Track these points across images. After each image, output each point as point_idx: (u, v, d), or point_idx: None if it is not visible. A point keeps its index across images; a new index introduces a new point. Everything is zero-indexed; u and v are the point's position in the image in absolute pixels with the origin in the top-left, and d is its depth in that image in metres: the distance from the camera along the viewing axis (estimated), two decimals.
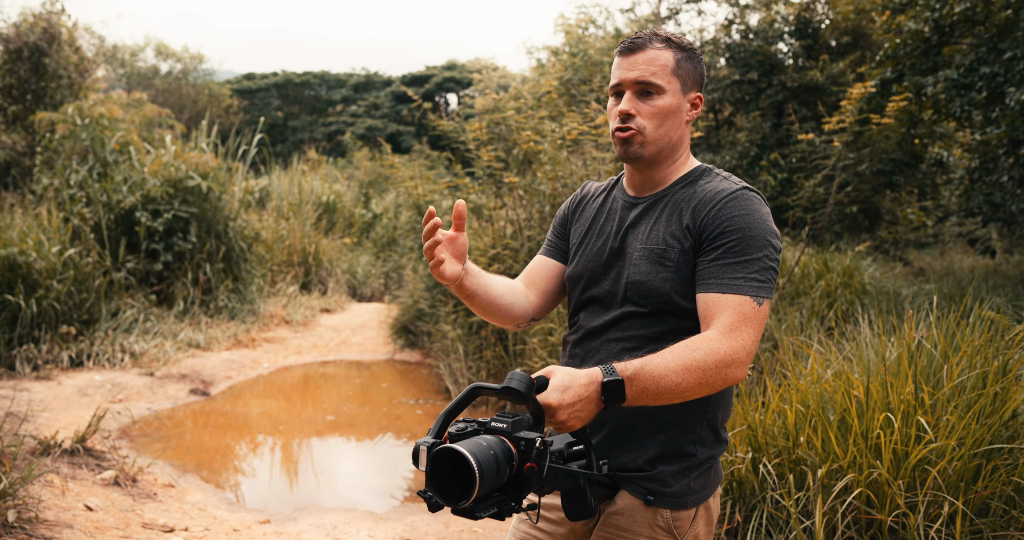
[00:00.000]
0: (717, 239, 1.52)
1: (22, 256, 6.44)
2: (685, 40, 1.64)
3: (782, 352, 4.24)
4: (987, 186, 8.06)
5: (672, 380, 1.40)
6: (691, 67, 1.63)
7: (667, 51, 1.60)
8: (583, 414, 1.38)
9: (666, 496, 1.56)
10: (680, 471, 1.57)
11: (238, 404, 6.28)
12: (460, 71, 31.21)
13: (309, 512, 4.21)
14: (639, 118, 1.60)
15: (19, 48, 10.23)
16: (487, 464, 1.23)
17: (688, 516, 1.58)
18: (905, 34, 7.93)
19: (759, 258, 1.50)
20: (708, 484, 1.61)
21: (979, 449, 2.79)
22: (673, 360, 1.41)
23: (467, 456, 1.21)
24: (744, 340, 1.45)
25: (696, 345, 1.43)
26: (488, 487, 1.24)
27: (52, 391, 5.81)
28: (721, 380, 1.44)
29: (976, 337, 3.28)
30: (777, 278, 1.55)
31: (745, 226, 1.51)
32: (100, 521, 3.69)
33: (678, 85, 1.61)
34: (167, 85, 23.85)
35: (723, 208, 1.53)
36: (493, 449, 1.27)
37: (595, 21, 10.96)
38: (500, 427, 1.33)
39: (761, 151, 10.53)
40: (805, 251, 6.70)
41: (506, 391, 1.32)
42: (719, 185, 1.59)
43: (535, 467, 1.30)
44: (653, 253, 1.58)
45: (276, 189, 12.86)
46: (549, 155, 6.29)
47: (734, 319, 1.46)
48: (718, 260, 1.51)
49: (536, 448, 1.31)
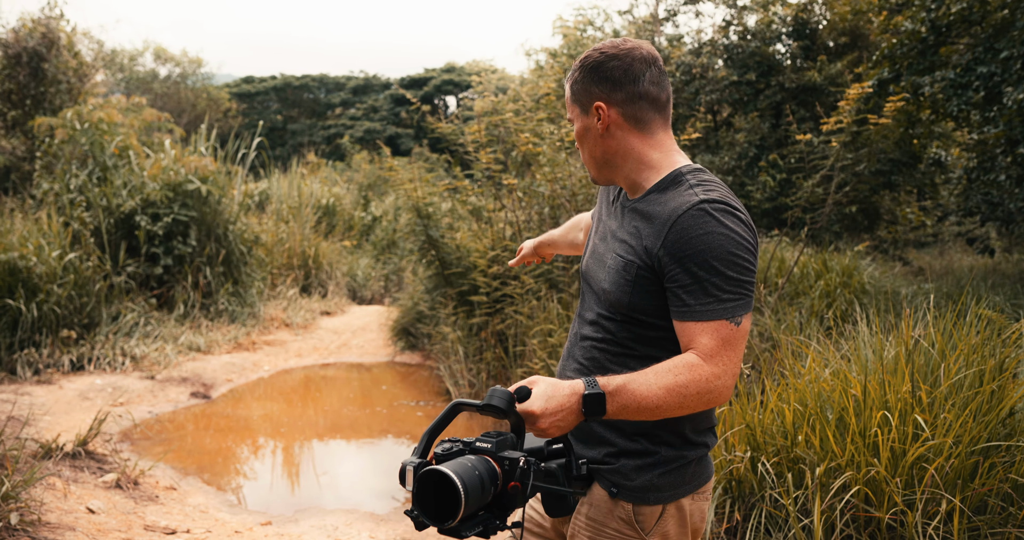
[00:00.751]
0: (679, 264, 1.47)
1: (22, 261, 6.45)
2: (584, 57, 1.61)
3: (781, 352, 4.26)
4: (985, 185, 8.08)
5: (653, 401, 1.42)
6: (581, 86, 1.60)
7: (568, 82, 1.65)
8: (563, 423, 1.41)
9: (627, 489, 1.58)
10: (643, 466, 1.58)
11: (239, 407, 6.29)
12: (458, 73, 31.25)
13: (310, 514, 4.22)
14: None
15: (18, 53, 10.25)
16: (472, 485, 1.26)
17: (652, 512, 1.59)
18: (902, 34, 7.95)
19: (726, 277, 1.46)
20: (680, 484, 1.60)
21: (976, 447, 2.80)
22: (656, 382, 1.43)
23: (453, 478, 1.24)
24: (727, 364, 1.46)
25: (679, 370, 1.44)
26: (473, 507, 1.27)
27: (53, 395, 5.82)
28: (703, 404, 1.46)
29: (973, 335, 3.30)
30: (752, 286, 1.51)
31: (703, 247, 1.45)
32: (102, 524, 3.70)
33: (578, 109, 1.63)
34: (166, 89, 23.87)
35: (681, 229, 1.47)
36: (479, 469, 1.29)
37: (593, 23, 10.99)
38: (485, 447, 1.36)
39: (760, 152, 10.56)
40: (804, 251, 6.71)
41: (487, 408, 1.35)
42: (679, 199, 1.52)
43: (519, 486, 1.33)
44: (620, 264, 1.58)
45: (276, 192, 12.87)
46: (548, 157, 6.31)
47: (714, 345, 1.46)
48: (684, 287, 1.47)
49: (520, 468, 1.34)
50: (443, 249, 6.80)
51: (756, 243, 1.53)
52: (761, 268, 6.16)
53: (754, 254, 1.51)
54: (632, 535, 1.59)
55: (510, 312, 5.86)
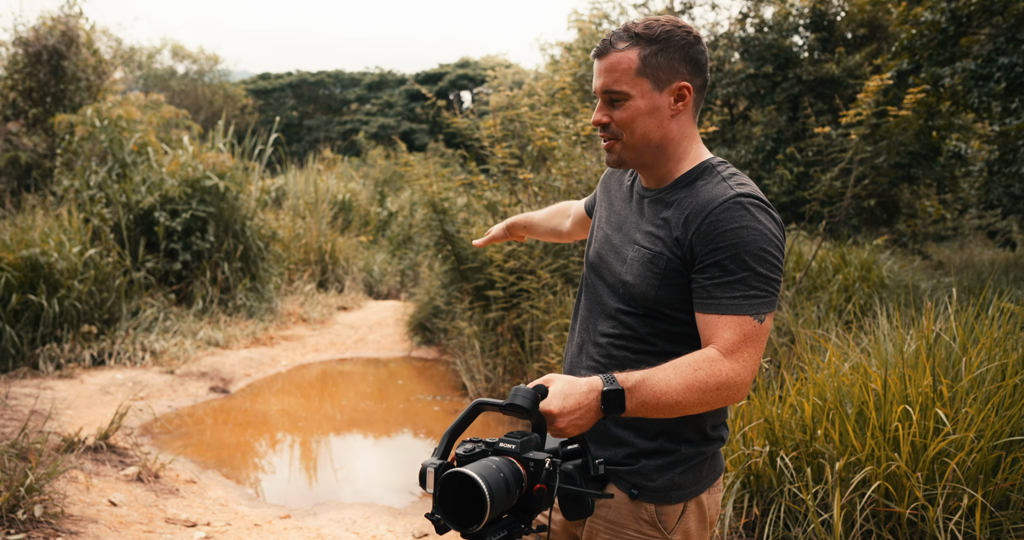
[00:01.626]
0: (709, 256, 1.46)
1: (44, 257, 6.53)
2: (658, 28, 1.52)
3: (799, 346, 4.23)
4: (1007, 178, 7.97)
5: (672, 397, 1.39)
6: (664, 60, 1.51)
7: (631, 51, 1.51)
8: (582, 422, 1.37)
9: (649, 490, 1.56)
10: (663, 466, 1.56)
11: (257, 401, 6.34)
12: (473, 68, 31.22)
13: (328, 507, 4.25)
14: (612, 127, 1.56)
15: (38, 51, 10.35)
16: (498, 488, 1.22)
17: (674, 510, 1.57)
18: (922, 25, 7.86)
19: (756, 272, 1.44)
20: (699, 480, 1.59)
21: (998, 441, 2.78)
22: (676, 377, 1.40)
23: (479, 481, 1.19)
24: (747, 360, 1.44)
25: (699, 365, 1.41)
26: (498, 511, 1.23)
27: (75, 389, 5.89)
28: (722, 400, 1.43)
29: (995, 329, 3.26)
30: (779, 285, 1.49)
31: (737, 241, 1.44)
32: (124, 516, 3.74)
33: (648, 85, 1.51)
34: (183, 86, 24.03)
35: (714, 221, 1.46)
36: (503, 472, 1.25)
37: (608, 16, 10.93)
38: (509, 448, 1.31)
39: (777, 145, 10.48)
40: (822, 245, 6.66)
41: (510, 408, 1.31)
42: (712, 191, 1.50)
43: (545, 488, 1.29)
44: (645, 256, 1.54)
45: (292, 188, 12.94)
46: (563, 151, 6.29)
47: (735, 340, 1.43)
48: (713, 279, 1.45)
49: (546, 469, 1.29)
50: (459, 244, 6.81)
51: (784, 241, 1.52)
52: None
53: (783, 253, 1.50)
54: (655, 535, 1.57)
55: (526, 307, 5.86)
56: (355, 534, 3.86)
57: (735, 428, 3.34)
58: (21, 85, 10.56)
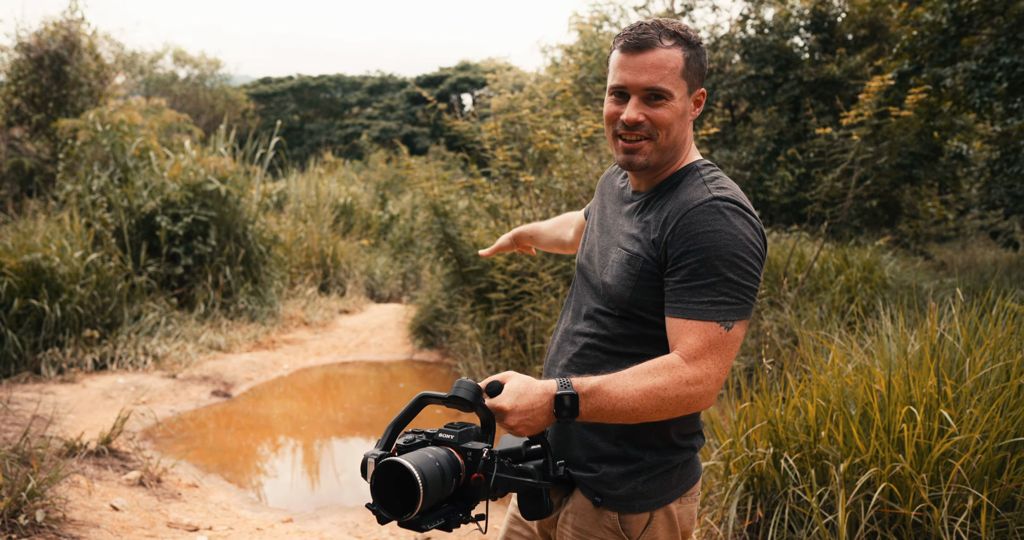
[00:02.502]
0: (681, 259, 1.43)
1: (46, 261, 6.53)
2: (691, 32, 1.52)
3: (802, 347, 4.22)
4: (1008, 178, 7.96)
5: (629, 404, 1.37)
6: (698, 65, 1.51)
7: (676, 50, 1.48)
8: (533, 423, 1.37)
9: (611, 498, 1.53)
10: (626, 474, 1.53)
11: (259, 405, 6.34)
12: (474, 71, 31.27)
13: (331, 511, 4.24)
14: (648, 125, 1.50)
15: (40, 56, 10.37)
16: (432, 477, 1.23)
17: (639, 520, 1.54)
18: (923, 26, 7.85)
19: (727, 278, 1.40)
20: (666, 489, 1.55)
21: (1003, 442, 2.76)
22: (633, 383, 1.37)
23: (411, 469, 1.21)
24: (710, 368, 1.39)
25: (659, 372, 1.38)
26: (433, 499, 1.24)
27: (77, 394, 5.88)
28: (683, 408, 1.40)
29: (999, 330, 3.25)
30: (753, 293, 1.44)
31: (709, 245, 1.40)
32: (126, 521, 3.73)
33: (685, 88, 1.50)
34: (185, 91, 24.08)
35: (689, 224, 1.42)
36: (439, 461, 1.26)
37: (609, 19, 10.94)
38: (447, 438, 1.33)
39: (778, 146, 10.47)
40: (824, 246, 6.65)
41: (453, 400, 1.33)
42: (692, 193, 1.47)
43: (482, 478, 1.31)
44: (624, 258, 1.52)
45: (293, 192, 12.94)
46: (565, 153, 6.29)
47: (699, 346, 1.40)
48: (683, 282, 1.42)
49: (484, 459, 1.31)
50: (460, 247, 6.80)
51: (764, 249, 1.47)
52: (780, 263, 6.10)
53: (760, 260, 1.45)
54: None
55: (528, 309, 5.85)
56: (357, 538, 3.85)
57: (737, 431, 3.32)
58: (24, 91, 10.58)
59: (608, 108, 1.55)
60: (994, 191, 8.44)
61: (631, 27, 1.52)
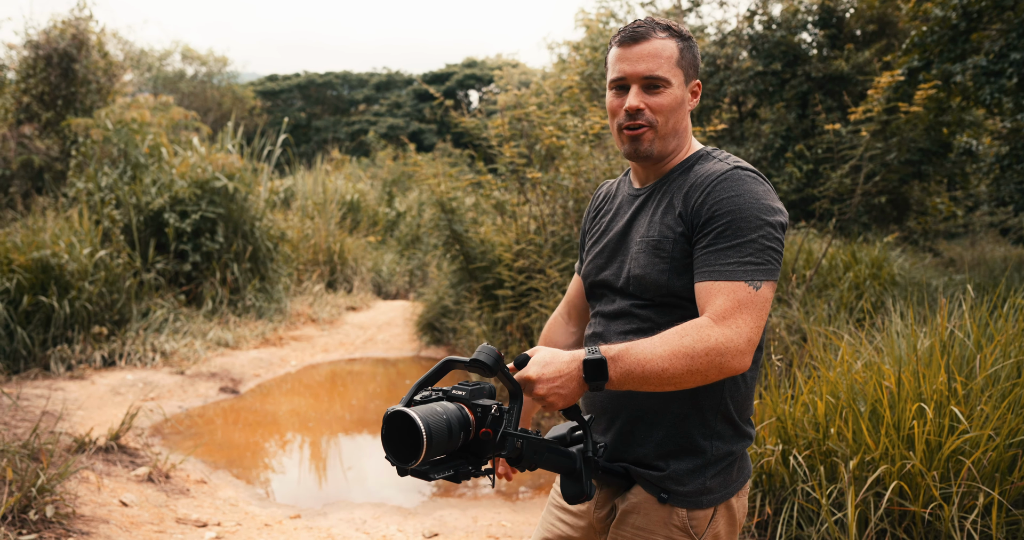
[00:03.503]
0: (707, 225, 1.47)
1: (55, 258, 6.56)
2: (683, 28, 1.61)
3: (811, 344, 4.20)
4: (1018, 174, 7.91)
5: (658, 365, 1.37)
6: (691, 56, 1.60)
7: (670, 41, 1.56)
8: (564, 391, 1.37)
9: (680, 495, 1.53)
10: (695, 469, 1.53)
11: (267, 402, 6.35)
12: (480, 68, 31.24)
13: (339, 507, 4.24)
14: (648, 113, 1.56)
15: (49, 54, 10.40)
16: (437, 428, 1.28)
17: (705, 515, 1.54)
18: (932, 21, 7.80)
19: (753, 240, 1.43)
20: (729, 483, 1.56)
21: (1014, 439, 2.75)
22: (661, 345, 1.38)
23: (416, 419, 1.26)
24: (740, 327, 1.39)
25: (686, 331, 1.39)
26: (439, 450, 1.29)
27: (86, 390, 5.91)
28: (716, 369, 1.39)
29: (1010, 326, 3.23)
30: (779, 257, 1.47)
31: (734, 208, 1.45)
32: (135, 516, 3.75)
33: (682, 76, 1.58)
34: (192, 88, 24.13)
35: (711, 191, 1.48)
36: (446, 414, 1.31)
37: (615, 15, 10.91)
38: (460, 395, 1.37)
39: (786, 143, 10.43)
40: (832, 243, 6.62)
41: (473, 363, 1.36)
42: (711, 168, 1.53)
43: (491, 432, 1.34)
44: (650, 245, 1.54)
45: (301, 189, 12.96)
46: (572, 150, 6.27)
47: (728, 306, 1.40)
48: (710, 247, 1.45)
49: (492, 414, 1.35)
50: (467, 243, 6.80)
51: (786, 217, 1.51)
52: (788, 259, 6.08)
53: (783, 226, 1.48)
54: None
55: (535, 306, 5.84)
56: (365, 534, 3.85)
57: None
58: (34, 89, 10.62)
59: (610, 102, 1.61)
60: (1003, 187, 8.39)
61: (625, 26, 1.62)
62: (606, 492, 1.63)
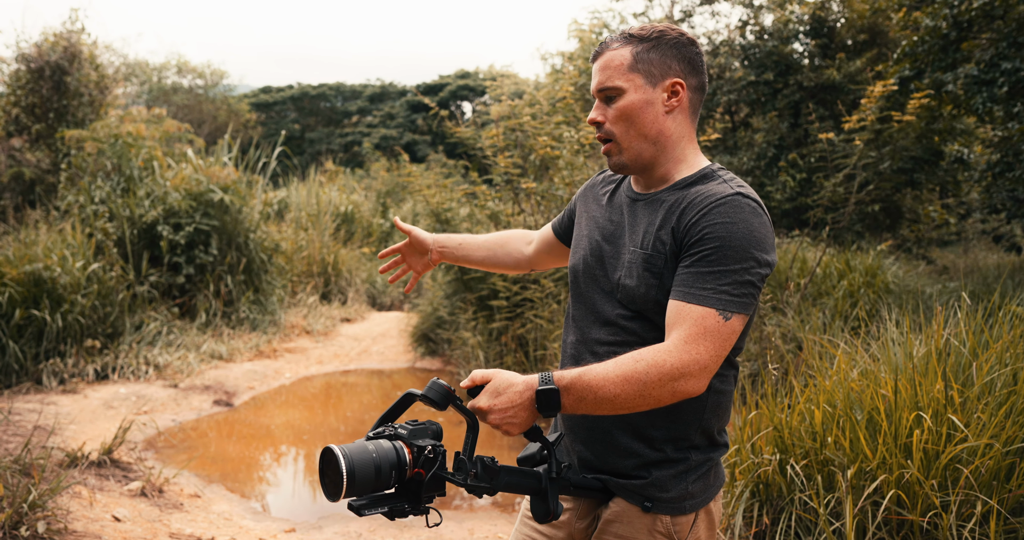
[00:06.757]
0: (695, 246, 1.45)
1: (47, 271, 6.52)
2: (651, 29, 1.57)
3: (806, 352, 4.20)
4: (1010, 182, 7.95)
5: (610, 391, 1.37)
6: (657, 56, 1.54)
7: (624, 48, 1.55)
8: (517, 420, 1.38)
9: (664, 502, 1.54)
10: (676, 475, 1.54)
11: (261, 414, 6.31)
12: (474, 79, 31.33)
13: (334, 521, 4.21)
14: (607, 125, 1.57)
15: (41, 67, 10.39)
16: (362, 467, 1.30)
17: (688, 521, 1.56)
18: (923, 31, 7.86)
19: (735, 270, 1.41)
20: (708, 488, 1.58)
21: (1012, 447, 2.74)
22: (614, 370, 1.38)
23: (339, 457, 1.30)
24: (699, 354, 1.38)
25: (641, 356, 1.39)
26: (364, 489, 1.31)
27: (78, 404, 5.87)
28: (668, 393, 1.38)
29: (1006, 334, 3.23)
30: (757, 293, 1.45)
31: (725, 235, 1.42)
32: (128, 532, 3.71)
33: (640, 79, 1.54)
34: (187, 101, 24.13)
35: (707, 213, 1.45)
36: (376, 453, 1.33)
37: (608, 26, 10.96)
38: (401, 433, 1.39)
39: (779, 152, 10.47)
40: (826, 251, 6.64)
41: (423, 399, 1.38)
42: (713, 189, 1.50)
43: (422, 472, 1.36)
44: (642, 257, 1.53)
45: (295, 200, 12.95)
46: (566, 160, 6.28)
47: (692, 331, 1.39)
48: (691, 268, 1.44)
49: (425, 455, 1.36)
50: None
51: (774, 261, 1.49)
52: (783, 268, 6.09)
53: (769, 265, 1.46)
54: None
55: (530, 316, 5.83)
56: None
57: (743, 437, 3.30)
58: (24, 101, 10.60)
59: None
60: (995, 195, 8.43)
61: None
62: (587, 504, 1.64)
